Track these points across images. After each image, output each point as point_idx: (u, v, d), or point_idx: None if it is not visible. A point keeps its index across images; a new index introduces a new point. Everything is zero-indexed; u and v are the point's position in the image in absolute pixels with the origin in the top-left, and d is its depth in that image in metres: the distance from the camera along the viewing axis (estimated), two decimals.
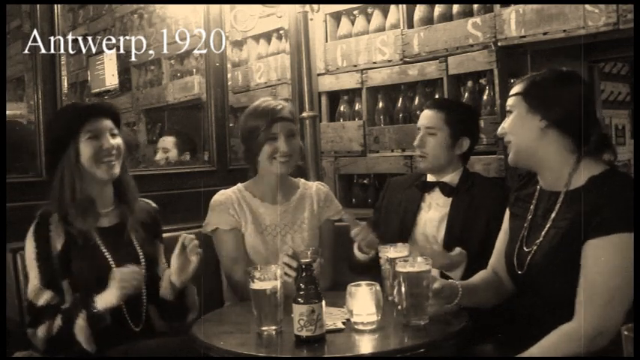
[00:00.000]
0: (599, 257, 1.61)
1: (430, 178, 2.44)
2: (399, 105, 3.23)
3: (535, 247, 1.78)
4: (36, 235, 1.94)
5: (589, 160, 1.76)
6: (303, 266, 1.67)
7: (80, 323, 1.86)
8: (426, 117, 2.40)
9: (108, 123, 2.04)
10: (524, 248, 1.81)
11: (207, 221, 2.32)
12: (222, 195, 2.36)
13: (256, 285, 1.74)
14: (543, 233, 1.77)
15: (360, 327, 1.73)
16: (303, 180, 2.50)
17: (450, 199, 2.34)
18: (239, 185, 2.39)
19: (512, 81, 2.78)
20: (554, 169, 1.78)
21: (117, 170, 2.03)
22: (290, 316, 1.67)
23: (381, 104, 3.30)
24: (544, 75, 1.80)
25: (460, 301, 1.83)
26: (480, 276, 1.98)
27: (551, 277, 1.72)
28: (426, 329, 1.73)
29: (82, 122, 1.99)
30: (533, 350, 1.65)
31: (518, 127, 1.79)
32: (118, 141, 2.04)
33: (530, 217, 1.85)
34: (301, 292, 1.65)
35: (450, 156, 2.40)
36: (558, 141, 1.76)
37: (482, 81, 2.90)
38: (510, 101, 1.83)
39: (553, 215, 1.77)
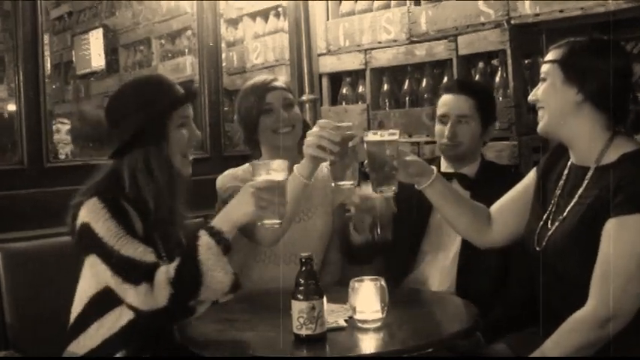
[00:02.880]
0: (619, 237, 1.61)
1: (445, 168, 2.39)
2: (406, 87, 3.22)
3: (557, 224, 1.78)
4: (115, 214, 1.78)
5: (622, 137, 1.75)
6: (303, 259, 1.66)
7: (205, 240, 1.71)
8: (456, 104, 2.36)
9: (191, 110, 1.95)
10: (548, 225, 1.81)
11: (219, 193, 2.26)
12: (228, 173, 2.32)
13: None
14: (568, 209, 1.77)
15: (364, 325, 1.72)
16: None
17: (469, 192, 2.30)
18: (247, 165, 2.34)
19: (526, 62, 2.83)
20: (586, 144, 1.77)
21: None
22: (289, 313, 1.66)
23: (386, 87, 3.29)
24: (584, 43, 1.77)
25: (433, 188, 1.90)
26: (472, 201, 2.02)
27: (568, 256, 1.72)
28: (435, 327, 1.74)
29: (176, 105, 1.87)
30: (547, 346, 1.67)
31: (551, 97, 1.78)
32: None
33: (558, 192, 1.84)
34: (300, 288, 1.64)
35: (479, 145, 2.39)
36: (593, 117, 1.75)
37: (495, 62, 2.90)
38: (545, 68, 1.81)
39: (580, 191, 1.76)
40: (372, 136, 1.85)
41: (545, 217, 1.83)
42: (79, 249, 1.83)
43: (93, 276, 1.81)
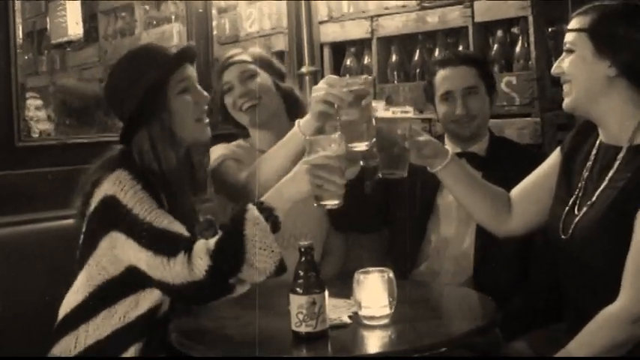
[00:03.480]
0: None
1: (450, 146, 2.38)
2: (416, 58, 3.20)
3: (585, 209, 1.77)
4: (145, 185, 1.77)
5: None
6: (302, 249, 1.66)
7: (253, 215, 1.69)
8: (460, 76, 2.37)
9: (193, 70, 1.93)
10: (575, 211, 1.80)
11: (211, 163, 2.24)
12: (220, 145, 2.34)
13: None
14: (597, 194, 1.76)
15: (370, 322, 1.72)
16: None
17: (480, 173, 2.28)
18: (239, 140, 2.38)
19: (549, 30, 2.81)
20: (617, 122, 1.77)
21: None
22: (287, 308, 1.66)
23: (394, 57, 3.27)
24: (615, 8, 1.75)
25: (448, 171, 1.91)
26: (490, 185, 2.01)
27: (597, 246, 1.72)
28: (448, 324, 1.75)
29: (169, 70, 1.85)
30: (572, 345, 1.67)
31: (580, 71, 1.76)
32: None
33: (586, 174, 1.83)
34: (299, 281, 1.63)
35: (488, 118, 2.41)
36: (627, 93, 1.74)
37: (515, 30, 2.88)
38: (571, 37, 1.79)
39: (611, 173, 1.76)
40: (382, 113, 1.83)
41: (571, 202, 1.82)
42: (95, 229, 1.80)
43: (109, 259, 1.78)
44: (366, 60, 3.35)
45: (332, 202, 1.76)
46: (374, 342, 1.69)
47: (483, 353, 1.88)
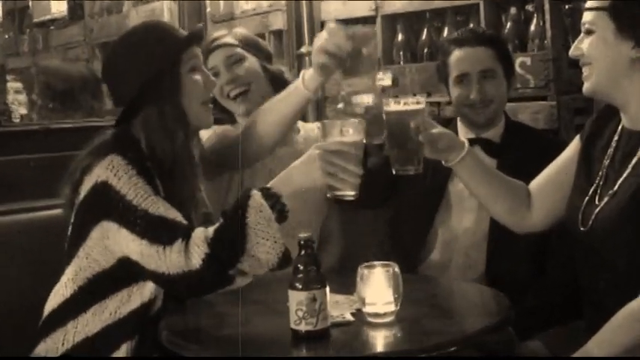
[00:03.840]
0: None
1: (465, 133, 2.37)
2: (424, 38, 3.19)
3: (606, 199, 1.77)
4: (141, 171, 1.76)
5: None
6: (302, 242, 1.64)
7: (257, 202, 1.66)
8: (476, 58, 2.34)
9: (200, 52, 1.94)
10: (595, 201, 1.80)
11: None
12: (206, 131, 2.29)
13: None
14: (619, 183, 1.76)
15: (375, 319, 1.70)
16: (301, 122, 2.46)
17: (495, 161, 2.29)
18: (226, 126, 2.36)
19: (566, 7, 2.80)
20: None
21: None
22: (286, 305, 1.65)
23: (400, 37, 3.27)
24: None
25: (464, 165, 1.89)
26: (508, 178, 2.00)
27: (619, 238, 1.72)
28: (458, 322, 1.74)
29: (184, 46, 1.86)
30: (592, 344, 1.66)
31: (601, 53, 1.75)
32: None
33: (607, 162, 1.83)
34: (299, 276, 1.62)
35: (505, 103, 2.39)
36: None
37: (530, 7, 2.87)
38: (590, 17, 1.77)
39: (634, 161, 1.76)
40: (393, 106, 1.80)
41: (591, 191, 1.81)
42: (86, 218, 1.78)
43: (100, 251, 1.77)
44: None
45: (347, 194, 1.73)
46: (378, 341, 1.68)
47: (496, 353, 1.87)
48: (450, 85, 2.39)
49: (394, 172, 1.85)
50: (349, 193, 1.73)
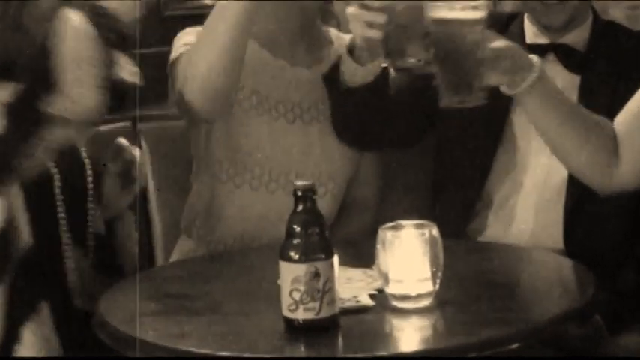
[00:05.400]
0: None
1: (534, 37, 2.32)
2: None
3: None
4: None
5: None
6: (299, 192, 1.58)
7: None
8: None
9: None
10: None
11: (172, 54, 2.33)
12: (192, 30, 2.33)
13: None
14: None
15: (403, 303, 1.63)
16: (335, 31, 2.46)
17: (576, 77, 2.25)
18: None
19: None
20: None
21: None
22: (275, 284, 1.61)
23: None
24: None
25: (535, 94, 1.89)
26: (593, 116, 2.00)
27: None
28: (524, 307, 1.71)
29: None
30: None
31: None
32: None
33: None
34: (294, 241, 1.54)
35: None
36: None
37: None
38: None
39: None
40: (442, 12, 1.78)
41: None
42: None
43: None
44: None
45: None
46: (408, 335, 1.64)
47: (577, 351, 1.88)
48: None
49: (443, 104, 1.87)
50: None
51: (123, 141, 2.11)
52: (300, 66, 2.32)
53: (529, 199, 2.29)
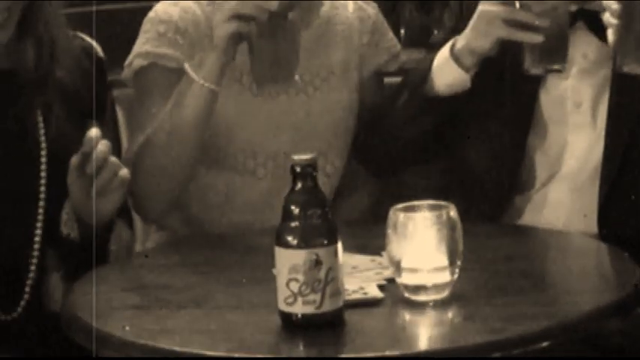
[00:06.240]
0: None
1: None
2: None
3: None
4: None
5: None
6: (298, 168, 1.58)
7: None
8: None
9: None
10: None
11: (131, 54, 2.37)
12: (165, 11, 2.38)
13: None
14: None
15: (417, 295, 1.63)
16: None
17: (606, 46, 2.23)
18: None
19: None
20: None
21: None
22: (269, 273, 1.61)
23: None
24: None
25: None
26: None
27: None
28: (556, 300, 1.69)
29: None
30: None
31: None
32: None
33: None
34: (293, 224, 1.54)
35: None
36: None
37: None
38: None
39: None
40: None
41: None
42: None
43: None
44: None
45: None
46: (423, 331, 1.64)
47: (618, 350, 1.89)
48: None
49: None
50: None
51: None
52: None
53: (563, 184, 2.32)
